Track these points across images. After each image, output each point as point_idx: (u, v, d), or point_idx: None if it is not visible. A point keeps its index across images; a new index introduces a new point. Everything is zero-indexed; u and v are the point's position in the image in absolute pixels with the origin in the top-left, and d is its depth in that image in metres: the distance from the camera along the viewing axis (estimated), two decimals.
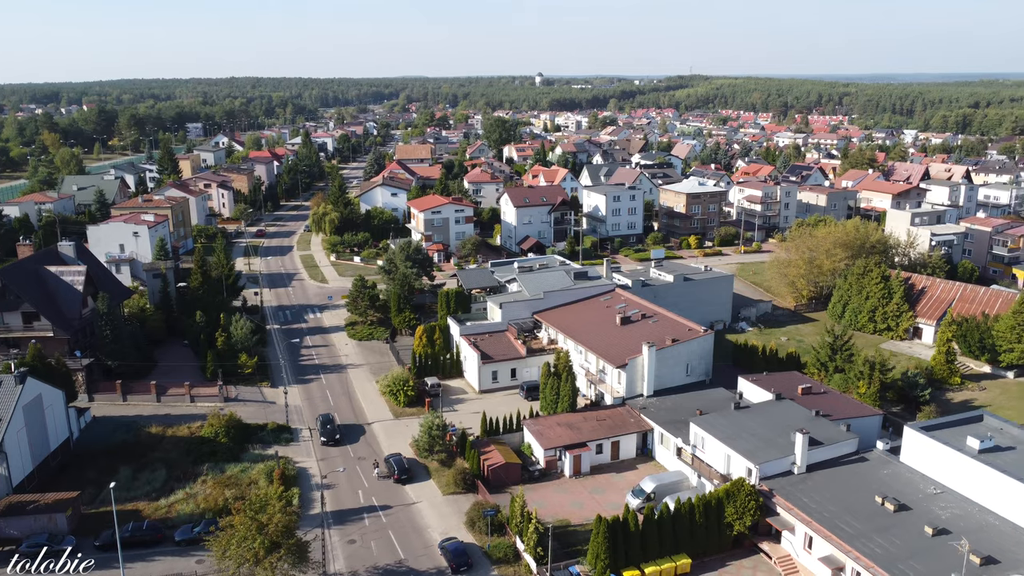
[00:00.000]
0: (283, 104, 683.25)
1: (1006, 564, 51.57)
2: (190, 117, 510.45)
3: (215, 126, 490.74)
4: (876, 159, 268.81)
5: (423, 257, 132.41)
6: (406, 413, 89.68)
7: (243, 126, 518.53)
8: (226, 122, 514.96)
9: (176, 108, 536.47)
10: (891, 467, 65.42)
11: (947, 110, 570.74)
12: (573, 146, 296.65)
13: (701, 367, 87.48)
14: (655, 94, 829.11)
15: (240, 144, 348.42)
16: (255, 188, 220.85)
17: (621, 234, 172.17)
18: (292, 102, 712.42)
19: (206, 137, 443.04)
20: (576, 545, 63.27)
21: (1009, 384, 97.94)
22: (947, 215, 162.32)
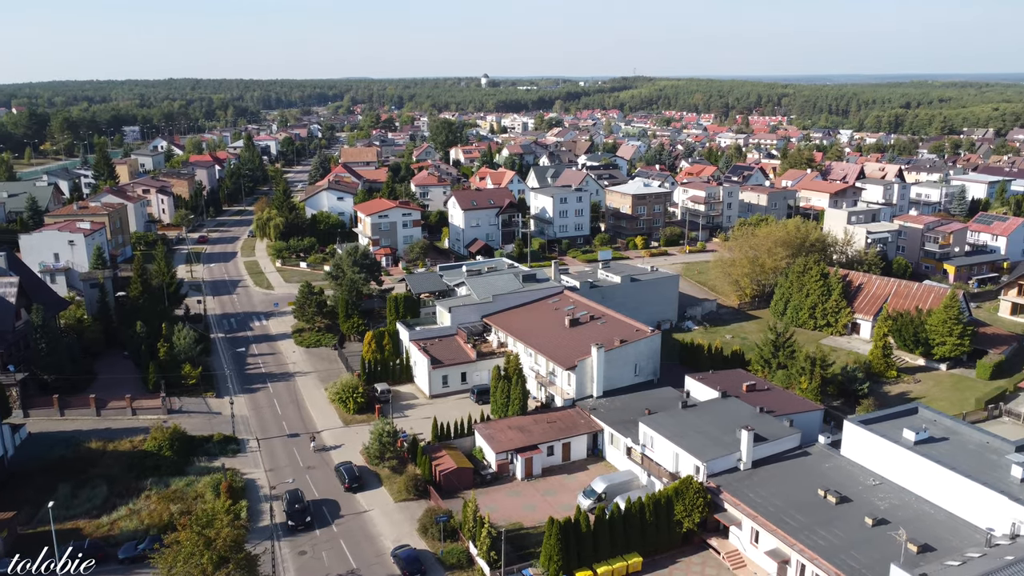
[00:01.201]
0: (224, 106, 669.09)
1: (941, 551, 53.59)
2: (127, 120, 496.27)
3: (153, 129, 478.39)
4: (814, 159, 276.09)
5: (371, 262, 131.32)
6: (356, 420, 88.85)
7: (183, 129, 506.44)
8: (165, 125, 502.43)
9: (112, 111, 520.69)
10: (832, 460, 67.38)
11: (880, 110, 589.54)
12: (520, 148, 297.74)
13: (649, 367, 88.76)
14: (600, 95, 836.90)
15: (180, 148, 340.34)
16: (196, 193, 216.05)
17: (569, 236, 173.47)
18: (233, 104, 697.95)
19: (144, 141, 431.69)
20: (529, 548, 63.57)
21: (942, 376, 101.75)
22: (882, 213, 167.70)
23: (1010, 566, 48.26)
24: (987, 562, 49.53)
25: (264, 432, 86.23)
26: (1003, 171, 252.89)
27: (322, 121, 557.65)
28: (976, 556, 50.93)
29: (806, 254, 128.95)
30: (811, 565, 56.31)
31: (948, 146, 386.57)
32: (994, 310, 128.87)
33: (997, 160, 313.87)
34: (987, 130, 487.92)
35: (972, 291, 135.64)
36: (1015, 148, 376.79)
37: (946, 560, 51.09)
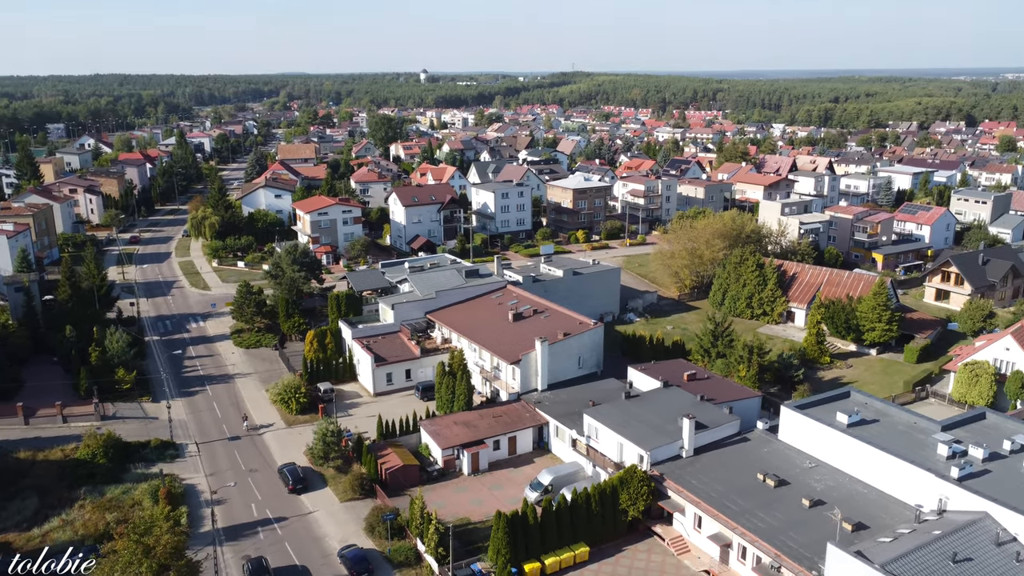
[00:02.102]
0: (154, 103, 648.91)
1: (874, 528, 55.67)
2: (50, 117, 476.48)
3: (79, 127, 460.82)
4: (748, 152, 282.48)
5: (311, 260, 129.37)
6: (299, 421, 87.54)
7: (111, 126, 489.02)
8: (92, 122, 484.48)
9: (34, 107, 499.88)
10: (771, 445, 69.26)
11: (811, 105, 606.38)
12: (460, 143, 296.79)
13: (592, 359, 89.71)
14: (539, 91, 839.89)
15: (108, 146, 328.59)
16: (127, 192, 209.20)
17: (511, 231, 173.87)
18: (164, 100, 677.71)
19: (70, 139, 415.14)
20: (477, 542, 63.72)
21: (872, 361, 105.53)
22: (813, 204, 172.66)
23: (938, 540, 50.42)
24: (916, 537, 51.63)
25: (204, 436, 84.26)
26: (926, 163, 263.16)
27: (258, 118, 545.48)
28: (906, 532, 53.04)
29: (742, 245, 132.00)
30: (752, 547, 57.86)
31: (875, 139, 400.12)
32: (920, 296, 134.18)
33: (920, 152, 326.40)
34: (911, 123, 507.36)
35: (899, 278, 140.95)
36: (937, 140, 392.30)
37: (879, 537, 53.06)
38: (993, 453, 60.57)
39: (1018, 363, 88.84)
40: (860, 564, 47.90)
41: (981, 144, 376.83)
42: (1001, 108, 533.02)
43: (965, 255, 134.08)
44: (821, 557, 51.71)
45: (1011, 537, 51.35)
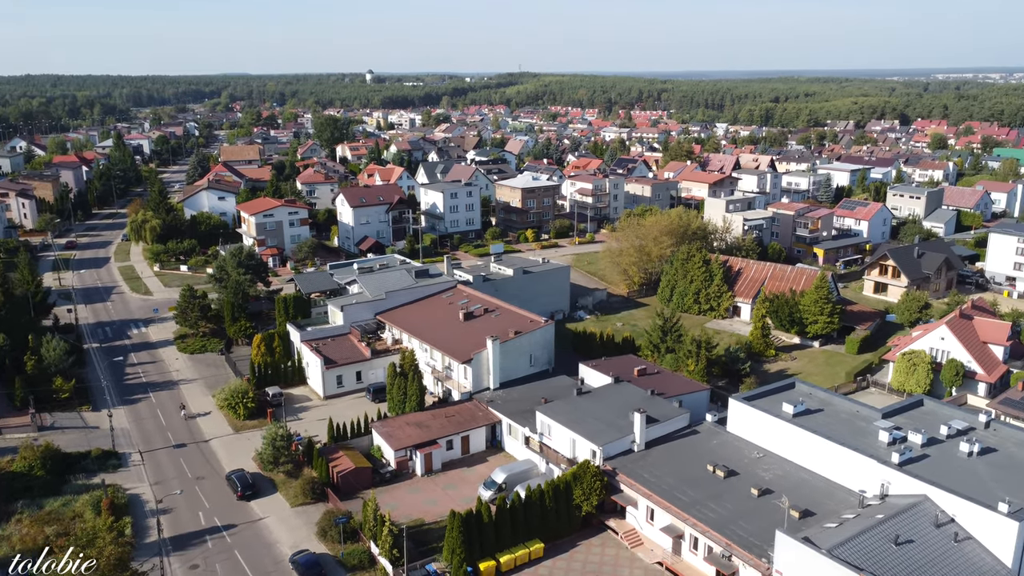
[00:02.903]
0: (90, 104, 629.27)
1: (821, 515, 57.07)
2: None
3: (10, 129, 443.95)
4: (693, 151, 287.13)
5: (257, 263, 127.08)
6: (247, 426, 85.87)
7: (44, 128, 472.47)
8: (23, 124, 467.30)
9: None
10: (720, 437, 70.47)
11: (752, 105, 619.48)
12: (408, 144, 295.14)
13: (544, 357, 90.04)
14: (486, 91, 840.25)
15: (42, 148, 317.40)
16: (62, 196, 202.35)
17: (460, 230, 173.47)
18: (100, 102, 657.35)
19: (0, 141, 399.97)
20: (432, 543, 63.38)
21: (815, 353, 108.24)
22: (756, 201, 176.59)
23: (880, 524, 51.94)
24: (860, 522, 53.11)
25: (148, 444, 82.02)
26: (863, 160, 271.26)
27: (199, 119, 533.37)
28: (851, 517, 54.52)
29: (689, 242, 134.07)
30: (703, 538, 58.79)
31: (814, 137, 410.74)
32: (859, 289, 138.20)
33: (858, 150, 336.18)
34: (848, 122, 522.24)
35: (839, 272, 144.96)
36: (873, 139, 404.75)
37: (825, 523, 54.43)
38: (931, 438, 62.65)
39: (952, 352, 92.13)
40: (807, 550, 49.07)
41: (914, 142, 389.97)
42: (932, 107, 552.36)
43: (901, 249, 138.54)
44: (770, 544, 52.81)
45: (949, 519, 53.18)
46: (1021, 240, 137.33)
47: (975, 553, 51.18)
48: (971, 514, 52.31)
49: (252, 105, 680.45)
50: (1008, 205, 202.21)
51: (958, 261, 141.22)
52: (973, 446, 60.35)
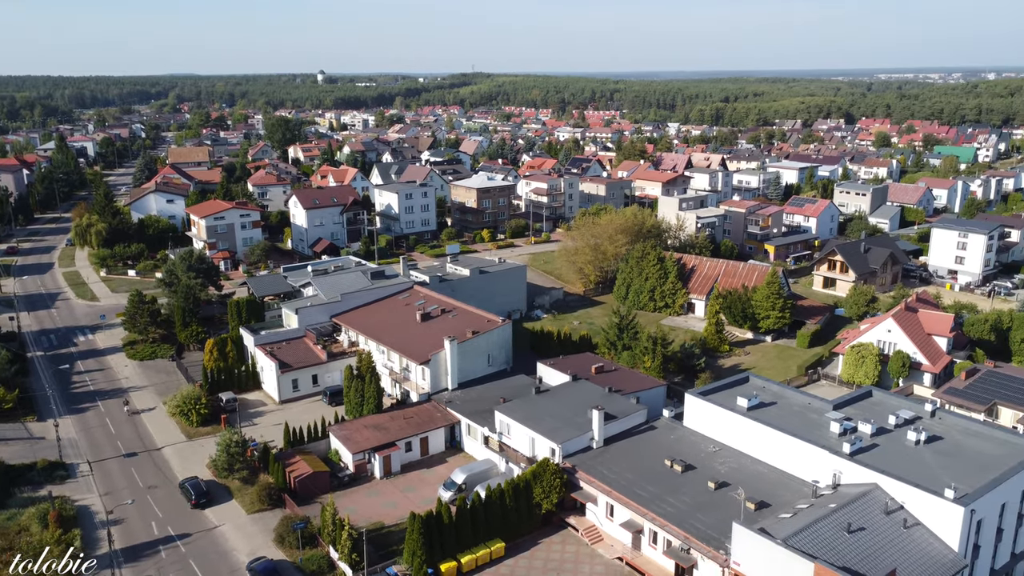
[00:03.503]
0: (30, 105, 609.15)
1: (776, 506, 58.13)
2: None
3: None
4: (646, 150, 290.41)
5: (208, 266, 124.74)
6: (200, 433, 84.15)
7: None
8: None
9: None
10: (677, 432, 71.32)
11: (703, 104, 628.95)
12: (361, 145, 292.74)
13: (502, 356, 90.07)
14: (440, 91, 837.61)
15: None
16: (1, 200, 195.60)
17: (416, 231, 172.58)
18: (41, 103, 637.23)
19: None
20: (392, 546, 62.93)
21: (768, 347, 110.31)
22: (709, 199, 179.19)
23: (833, 512, 53.14)
24: (814, 511, 54.26)
25: (96, 454, 79.84)
26: (811, 158, 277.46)
27: (146, 120, 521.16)
28: (805, 507, 55.66)
29: (644, 240, 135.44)
30: (662, 532, 59.43)
31: (763, 136, 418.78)
32: (809, 284, 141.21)
33: (805, 148, 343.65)
34: (796, 121, 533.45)
35: (790, 268, 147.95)
36: (820, 137, 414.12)
37: (780, 513, 55.47)
38: (880, 428, 64.29)
39: (899, 344, 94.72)
40: (763, 540, 49.95)
41: (859, 140, 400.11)
42: (876, 106, 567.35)
43: (848, 244, 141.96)
44: (728, 536, 53.62)
45: (899, 506, 54.65)
46: (962, 235, 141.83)
47: (924, 538, 52.69)
48: (919, 501, 53.84)
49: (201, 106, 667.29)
50: (949, 201, 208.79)
51: (903, 256, 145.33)
52: (920, 435, 62.09)
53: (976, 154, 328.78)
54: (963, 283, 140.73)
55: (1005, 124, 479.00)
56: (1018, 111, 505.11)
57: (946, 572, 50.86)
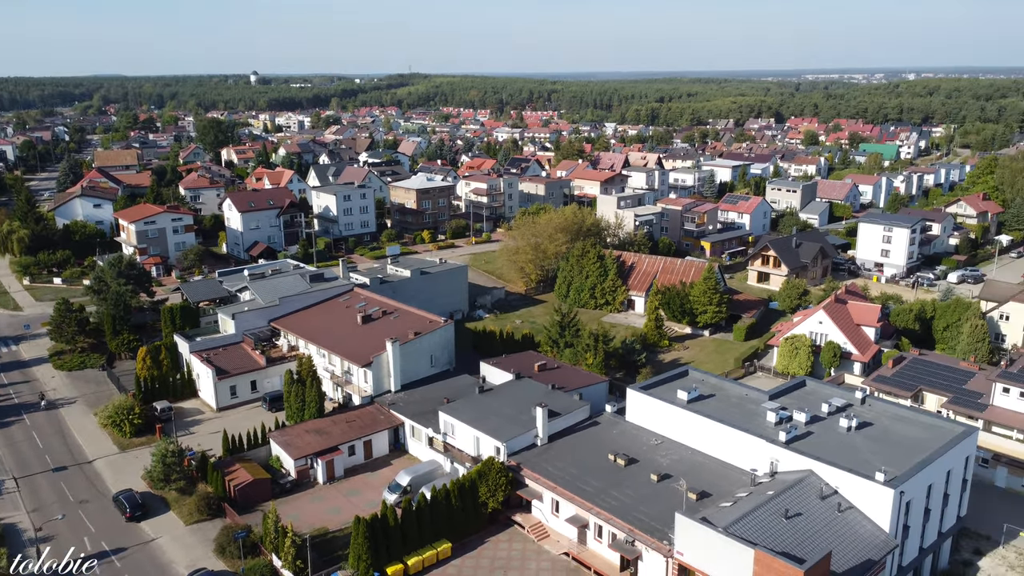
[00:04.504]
0: None
1: (716, 496, 59.37)
2: None
3: None
4: (584, 150, 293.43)
5: (139, 272, 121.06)
6: (134, 444, 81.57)
7: None
8: None
9: None
10: (619, 426, 72.23)
11: (639, 105, 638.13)
12: (297, 147, 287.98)
13: (445, 357, 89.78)
14: (377, 92, 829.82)
15: None
16: None
17: (355, 233, 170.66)
18: None
19: None
20: (337, 551, 62.14)
21: (706, 341, 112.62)
22: (646, 197, 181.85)
23: (771, 500, 54.58)
24: (753, 499, 55.64)
25: (23, 469, 76.63)
26: (743, 156, 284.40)
27: (69, 123, 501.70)
28: (744, 495, 57.02)
29: (583, 238, 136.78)
30: (607, 525, 60.13)
31: (698, 136, 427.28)
32: (744, 279, 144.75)
33: (738, 147, 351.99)
34: (728, 121, 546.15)
35: (725, 263, 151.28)
36: (751, 136, 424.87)
37: (721, 503, 56.67)
38: (814, 416, 66.29)
39: (830, 335, 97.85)
40: (705, 529, 51.00)
41: (789, 139, 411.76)
42: (804, 106, 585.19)
43: (781, 240, 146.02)
44: (671, 527, 54.56)
45: (833, 490, 56.47)
46: (887, 229, 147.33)
47: (857, 521, 54.58)
48: (852, 485, 55.74)
49: (128, 108, 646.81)
50: (874, 196, 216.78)
51: (832, 250, 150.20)
52: (851, 421, 64.28)
53: (898, 151, 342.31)
54: (889, 275, 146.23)
55: (924, 122, 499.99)
56: (936, 110, 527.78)
57: (878, 552, 52.80)
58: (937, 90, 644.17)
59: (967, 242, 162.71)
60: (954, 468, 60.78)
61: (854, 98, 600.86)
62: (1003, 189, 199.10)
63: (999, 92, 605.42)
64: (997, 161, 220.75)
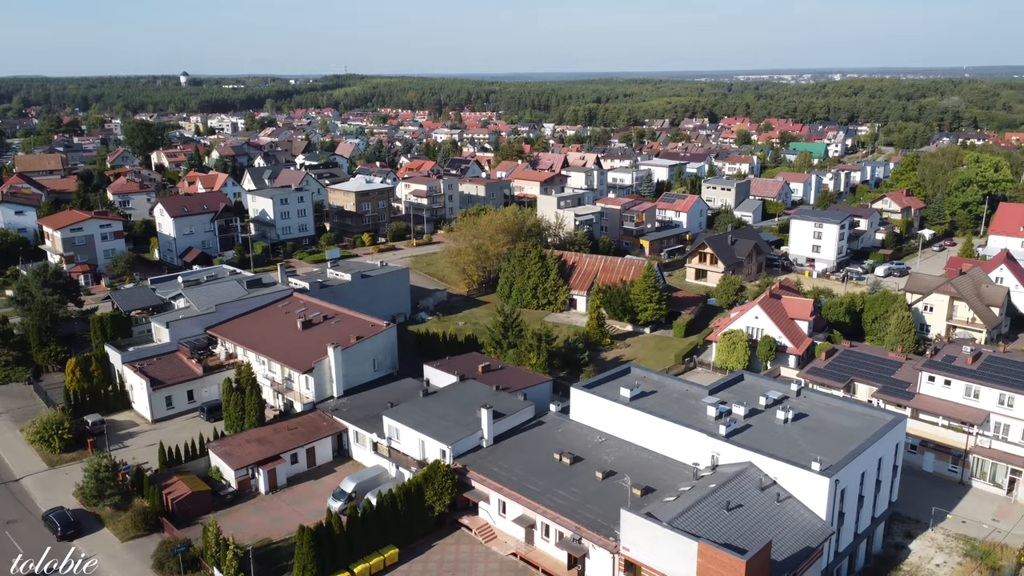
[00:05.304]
0: None
1: (660, 491, 60.34)
2: None
3: None
4: (523, 151, 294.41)
5: (66, 281, 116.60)
6: (65, 460, 78.56)
7: None
8: None
9: None
10: (564, 425, 72.76)
11: (576, 105, 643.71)
12: (231, 149, 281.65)
13: (388, 360, 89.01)
14: (313, 93, 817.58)
15: None
16: None
17: (293, 237, 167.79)
18: None
19: None
20: (282, 562, 61.01)
21: (647, 339, 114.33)
22: (585, 197, 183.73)
23: (713, 492, 55.76)
24: (696, 493, 56.74)
25: None
26: (679, 156, 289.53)
27: None
28: (687, 489, 58.09)
29: (525, 239, 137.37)
30: (554, 524, 60.51)
31: (635, 135, 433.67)
32: (682, 276, 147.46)
33: (674, 146, 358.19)
34: (664, 121, 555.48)
35: (664, 261, 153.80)
36: (687, 136, 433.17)
37: (665, 497, 57.61)
38: (752, 409, 67.94)
39: (765, 329, 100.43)
40: (650, 524, 51.78)
41: (723, 138, 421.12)
42: (736, 106, 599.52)
43: (717, 237, 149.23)
44: (617, 524, 55.19)
45: (772, 481, 58.00)
46: (817, 225, 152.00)
47: (795, 510, 56.18)
48: (789, 475, 57.35)
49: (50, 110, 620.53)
50: (804, 194, 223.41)
51: (766, 246, 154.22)
52: (788, 413, 66.12)
53: (827, 149, 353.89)
54: (820, 270, 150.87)
55: (851, 121, 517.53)
56: (861, 109, 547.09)
57: (815, 540, 54.45)
58: (862, 90, 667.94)
59: (892, 237, 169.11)
60: (885, 455, 63.08)
61: (784, 98, 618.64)
62: (924, 185, 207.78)
63: (919, 92, 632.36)
64: (919, 158, 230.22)
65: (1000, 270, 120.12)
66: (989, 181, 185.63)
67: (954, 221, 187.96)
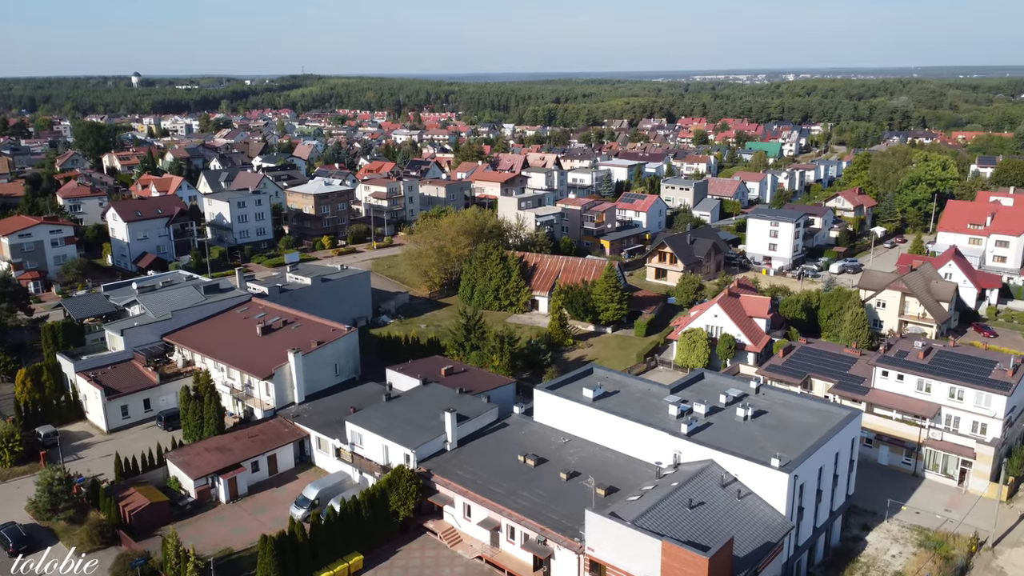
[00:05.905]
0: None
1: (624, 490, 60.82)
2: None
3: None
4: (483, 151, 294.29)
5: (14, 289, 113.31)
6: (16, 473, 76.45)
7: None
8: None
9: None
10: (528, 427, 72.92)
11: (536, 105, 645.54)
12: (186, 151, 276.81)
13: (350, 365, 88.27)
14: (269, 94, 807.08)
15: None
16: None
17: (251, 241, 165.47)
18: None
19: None
20: (244, 572, 60.13)
21: (609, 338, 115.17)
22: (546, 198, 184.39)
23: (676, 491, 56.40)
24: (659, 491, 57.34)
25: None
26: (638, 156, 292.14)
27: None
28: (650, 488, 58.66)
29: (486, 240, 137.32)
30: (519, 526, 60.63)
31: (594, 136, 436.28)
32: (643, 276, 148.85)
33: (633, 147, 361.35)
34: (623, 121, 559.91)
35: (625, 261, 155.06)
36: (645, 136, 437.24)
37: (628, 497, 58.08)
38: (712, 407, 68.83)
39: (725, 327, 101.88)
40: (614, 524, 52.20)
41: (680, 138, 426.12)
42: (693, 106, 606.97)
43: (676, 237, 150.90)
44: (581, 524, 55.51)
45: (732, 478, 58.86)
46: (773, 224, 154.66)
47: (756, 506, 57.10)
48: (750, 472, 58.27)
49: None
50: (761, 193, 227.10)
51: (724, 245, 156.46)
52: (747, 410, 67.13)
53: (782, 149, 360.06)
54: (776, 268, 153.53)
55: (804, 121, 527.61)
56: (814, 109, 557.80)
57: (776, 535, 55.43)
58: (814, 90, 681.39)
59: (846, 234, 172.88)
60: (842, 450, 64.46)
61: (739, 98, 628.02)
62: (876, 183, 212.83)
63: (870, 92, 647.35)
64: (870, 157, 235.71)
65: (949, 266, 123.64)
66: (938, 179, 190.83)
67: (905, 219, 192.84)
